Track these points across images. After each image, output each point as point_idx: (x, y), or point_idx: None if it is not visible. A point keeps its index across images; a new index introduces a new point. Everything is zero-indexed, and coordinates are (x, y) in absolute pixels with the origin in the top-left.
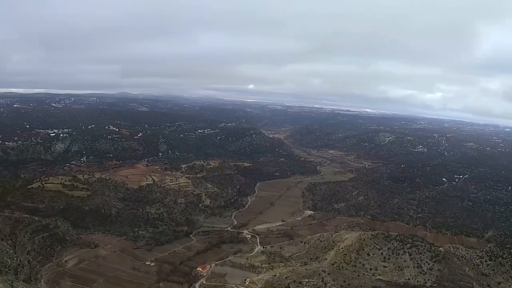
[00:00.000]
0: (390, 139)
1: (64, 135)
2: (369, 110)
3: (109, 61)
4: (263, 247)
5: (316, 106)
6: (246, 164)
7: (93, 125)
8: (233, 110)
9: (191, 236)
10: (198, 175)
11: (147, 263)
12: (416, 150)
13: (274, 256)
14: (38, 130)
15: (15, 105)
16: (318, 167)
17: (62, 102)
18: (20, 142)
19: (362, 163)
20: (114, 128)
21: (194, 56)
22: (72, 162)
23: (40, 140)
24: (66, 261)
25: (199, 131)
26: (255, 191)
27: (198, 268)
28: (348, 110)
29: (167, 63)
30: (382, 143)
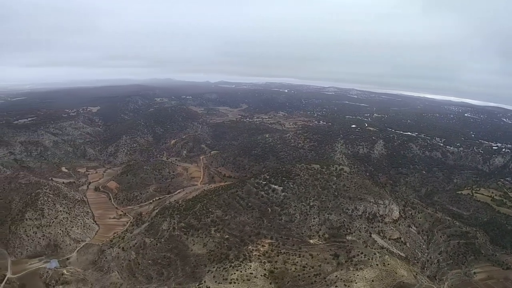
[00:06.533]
0: None
1: (506, 150)
2: None
3: None
4: None
5: None
6: None
7: None
8: None
9: None
10: None
11: None
12: None
13: None
14: (481, 141)
15: (465, 114)
16: None
17: None
18: (461, 148)
19: None
20: None
21: None
22: (507, 178)
23: (481, 150)
24: (474, 273)
25: None
26: None
27: None
28: None
29: None
30: None
